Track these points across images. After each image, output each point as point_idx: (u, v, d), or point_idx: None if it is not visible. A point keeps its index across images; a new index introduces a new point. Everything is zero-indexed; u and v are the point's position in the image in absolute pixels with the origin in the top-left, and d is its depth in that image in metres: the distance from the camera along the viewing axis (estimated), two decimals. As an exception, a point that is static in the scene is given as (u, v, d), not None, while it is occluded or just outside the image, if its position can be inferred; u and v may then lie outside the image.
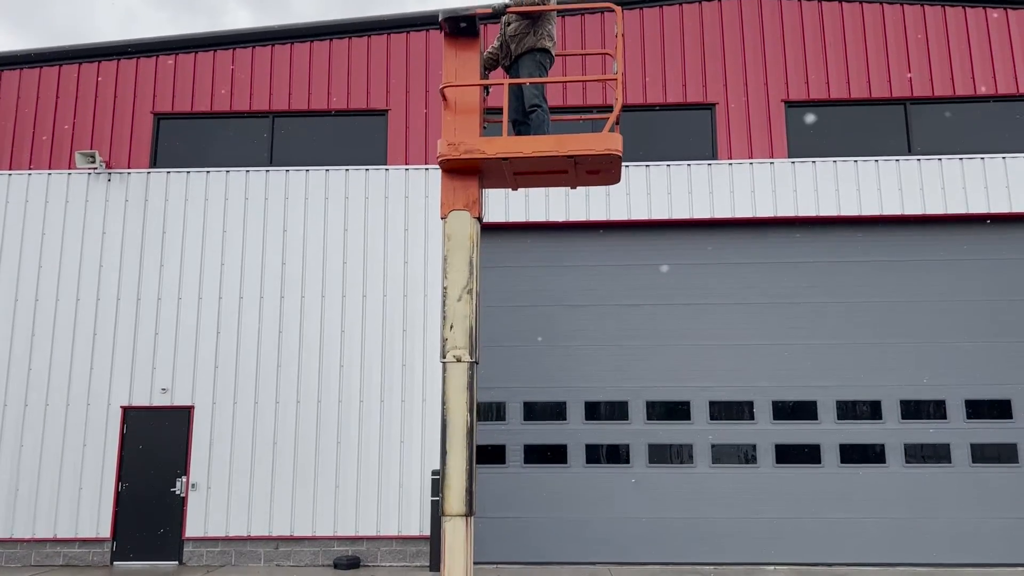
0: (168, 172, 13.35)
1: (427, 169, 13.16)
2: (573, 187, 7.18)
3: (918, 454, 12.51)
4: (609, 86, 13.31)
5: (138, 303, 12.95)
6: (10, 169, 13.40)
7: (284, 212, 13.20)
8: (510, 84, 6.95)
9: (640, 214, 12.94)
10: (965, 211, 12.82)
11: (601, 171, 6.78)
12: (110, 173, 13.36)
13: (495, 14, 6.81)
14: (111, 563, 12.32)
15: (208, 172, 13.34)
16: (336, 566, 11.99)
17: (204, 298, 12.94)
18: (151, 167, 13.44)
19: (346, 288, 12.93)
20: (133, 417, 12.68)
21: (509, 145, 6.52)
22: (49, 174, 13.39)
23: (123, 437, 12.62)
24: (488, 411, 12.81)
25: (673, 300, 13.04)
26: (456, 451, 6.23)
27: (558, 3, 8.39)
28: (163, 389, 12.70)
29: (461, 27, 6.80)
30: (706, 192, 13.01)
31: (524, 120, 7.16)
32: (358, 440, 12.48)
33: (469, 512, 6.15)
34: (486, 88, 7.21)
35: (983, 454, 12.44)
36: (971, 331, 12.76)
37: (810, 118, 13.31)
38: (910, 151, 13.18)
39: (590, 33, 13.57)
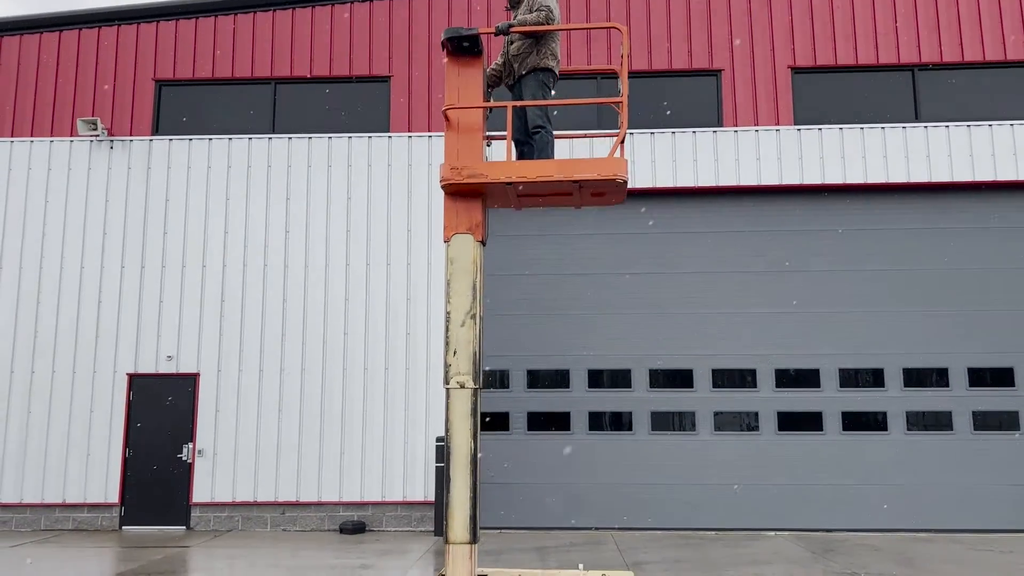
0: (170, 139, 13.29)
1: (430, 136, 13.09)
2: (577, 207, 7.12)
3: (920, 422, 12.57)
4: (616, 46, 13.17)
5: (142, 271, 12.97)
6: (12, 136, 13.35)
7: (287, 180, 13.15)
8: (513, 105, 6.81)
9: (644, 182, 12.87)
10: (972, 179, 12.74)
11: (606, 193, 6.74)
12: (112, 140, 13.30)
13: (499, 33, 6.69)
14: (120, 527, 12.49)
15: (210, 139, 13.28)
16: (342, 531, 12.14)
17: (208, 266, 12.95)
18: (153, 134, 13.38)
19: (350, 256, 12.92)
20: (139, 384, 12.77)
21: (513, 169, 6.40)
22: (51, 141, 13.34)
23: (129, 404, 12.72)
24: (492, 379, 12.88)
25: (677, 268, 13.02)
26: (460, 479, 6.21)
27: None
28: (168, 357, 12.76)
29: (464, 46, 6.66)
30: (711, 160, 12.94)
31: (527, 140, 7.06)
32: (363, 407, 12.56)
33: (473, 540, 6.17)
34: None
35: (985, 422, 12.50)
36: (975, 299, 12.74)
37: (816, 85, 13.18)
38: (917, 118, 13.06)
39: (595, 14, 13.42)
